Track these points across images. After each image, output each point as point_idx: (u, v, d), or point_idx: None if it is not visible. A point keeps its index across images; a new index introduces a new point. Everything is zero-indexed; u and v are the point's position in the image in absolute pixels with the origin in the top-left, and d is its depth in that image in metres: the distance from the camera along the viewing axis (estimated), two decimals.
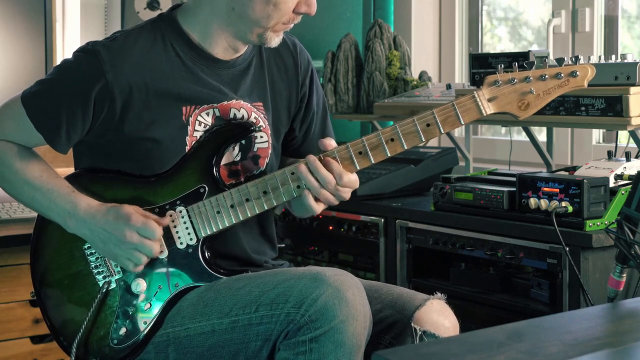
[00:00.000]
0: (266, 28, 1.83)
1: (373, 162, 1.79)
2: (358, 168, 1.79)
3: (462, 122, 1.79)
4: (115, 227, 1.78)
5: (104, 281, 1.85)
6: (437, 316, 1.83)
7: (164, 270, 1.83)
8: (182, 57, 1.87)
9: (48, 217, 1.87)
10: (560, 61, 1.82)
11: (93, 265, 1.86)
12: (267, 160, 1.95)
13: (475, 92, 1.79)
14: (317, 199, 1.81)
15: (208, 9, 1.87)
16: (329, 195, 1.79)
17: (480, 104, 1.79)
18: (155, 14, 3.36)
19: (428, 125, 1.78)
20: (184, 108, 1.86)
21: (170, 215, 1.83)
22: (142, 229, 1.77)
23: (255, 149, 1.93)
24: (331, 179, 1.77)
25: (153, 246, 1.79)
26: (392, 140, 1.79)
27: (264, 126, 1.93)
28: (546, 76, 1.79)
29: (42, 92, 1.86)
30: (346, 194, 1.81)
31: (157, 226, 1.79)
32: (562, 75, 1.79)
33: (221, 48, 1.89)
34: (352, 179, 1.80)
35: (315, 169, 1.77)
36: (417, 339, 1.79)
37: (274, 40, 1.86)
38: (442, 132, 1.79)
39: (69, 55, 1.90)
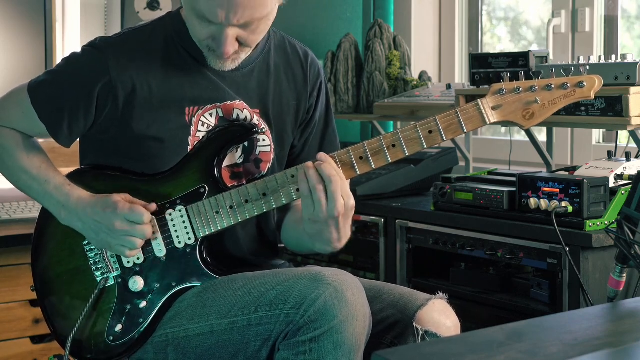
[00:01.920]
0: (199, 43, 1.82)
1: (374, 167, 1.77)
2: (358, 173, 1.77)
3: (465, 130, 1.76)
4: (104, 216, 1.79)
5: (101, 277, 1.85)
6: (439, 316, 1.82)
7: (161, 269, 1.83)
8: (188, 56, 1.87)
9: (44, 206, 1.90)
10: (567, 71, 1.80)
11: (92, 262, 1.87)
12: (268, 165, 1.94)
13: (479, 100, 1.77)
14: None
15: None
16: (321, 195, 1.72)
17: (484, 112, 1.77)
18: (155, 14, 3.37)
19: (430, 132, 1.77)
20: (187, 109, 1.86)
21: (170, 215, 1.83)
22: (129, 214, 1.78)
23: (257, 153, 1.92)
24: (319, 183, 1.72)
25: (144, 229, 1.79)
26: (393, 146, 1.77)
27: (266, 130, 1.93)
28: (552, 86, 1.76)
29: (47, 83, 1.87)
30: (339, 200, 1.72)
31: (144, 210, 1.80)
32: (568, 85, 1.76)
33: None
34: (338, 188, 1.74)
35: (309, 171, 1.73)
36: (419, 338, 1.79)
37: (213, 62, 1.83)
38: (445, 139, 1.77)
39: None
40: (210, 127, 1.87)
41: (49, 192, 1.86)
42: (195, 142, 1.86)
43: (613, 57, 2.30)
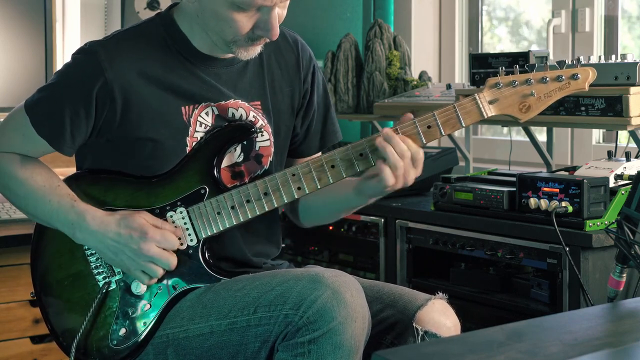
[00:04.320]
0: (227, 41, 1.80)
1: (374, 164, 1.78)
2: (359, 170, 1.79)
3: (463, 125, 1.78)
4: (129, 239, 1.77)
5: (103, 282, 1.85)
6: (439, 316, 1.83)
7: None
8: (179, 56, 1.86)
9: (54, 227, 1.86)
10: (561, 64, 1.82)
11: (93, 266, 1.86)
12: (270, 159, 1.94)
13: (476, 94, 1.78)
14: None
15: (189, 12, 1.86)
16: (402, 171, 1.74)
17: (481, 106, 1.78)
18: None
19: (429, 127, 1.78)
20: (183, 108, 1.85)
21: (171, 217, 1.83)
22: (162, 241, 1.77)
23: (257, 148, 1.92)
24: (407, 152, 1.73)
25: (170, 259, 1.79)
26: None
27: (264, 124, 1.93)
28: (547, 79, 1.78)
29: (44, 98, 1.85)
30: (412, 175, 1.76)
31: (175, 237, 1.79)
32: (563, 77, 1.79)
33: (214, 47, 1.87)
34: (422, 158, 1.77)
35: (392, 140, 1.73)
36: (419, 338, 1.79)
37: (244, 54, 1.82)
38: (443, 134, 1.78)
39: (68, 55, 1.90)
40: (208, 127, 1.86)
41: (58, 212, 1.82)
42: (194, 143, 1.85)
43: (613, 57, 2.30)
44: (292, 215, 2.04)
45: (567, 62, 1.84)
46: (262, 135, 1.92)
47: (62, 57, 3.31)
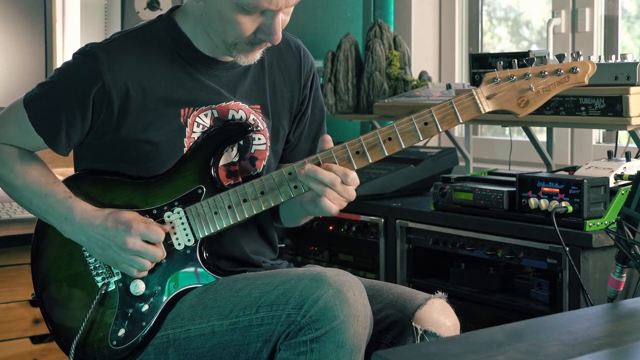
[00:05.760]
0: (228, 44, 1.80)
1: (370, 161, 1.77)
2: (355, 168, 1.77)
3: (461, 121, 1.77)
4: (115, 233, 1.78)
5: (102, 282, 1.85)
6: (438, 315, 1.83)
7: (162, 271, 1.83)
8: (180, 59, 1.87)
9: (46, 221, 1.88)
10: (560, 57, 1.81)
11: (92, 267, 1.86)
12: (264, 163, 1.94)
13: (473, 89, 1.77)
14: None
15: (192, 13, 1.86)
16: (336, 195, 1.76)
17: (478, 101, 1.77)
18: (155, 14, 3.37)
19: (426, 123, 1.77)
20: (182, 110, 1.85)
21: (168, 217, 1.83)
22: (146, 234, 1.77)
23: (252, 151, 1.92)
24: (336, 179, 1.75)
25: (156, 251, 1.79)
26: (389, 139, 1.77)
27: (262, 128, 1.93)
28: (545, 73, 1.76)
29: (42, 95, 1.86)
30: (352, 192, 1.78)
31: (161, 230, 1.79)
32: (561, 71, 1.76)
33: (215, 50, 1.87)
34: (355, 176, 1.79)
35: (315, 174, 1.76)
36: (418, 338, 1.79)
37: (243, 59, 1.82)
38: (440, 130, 1.77)
39: (68, 55, 1.91)
40: (205, 128, 1.86)
41: (51, 206, 1.84)
42: (191, 143, 1.85)
43: (613, 57, 2.30)
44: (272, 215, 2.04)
45: (566, 56, 1.82)
46: (259, 139, 1.92)
47: (62, 57, 3.32)
